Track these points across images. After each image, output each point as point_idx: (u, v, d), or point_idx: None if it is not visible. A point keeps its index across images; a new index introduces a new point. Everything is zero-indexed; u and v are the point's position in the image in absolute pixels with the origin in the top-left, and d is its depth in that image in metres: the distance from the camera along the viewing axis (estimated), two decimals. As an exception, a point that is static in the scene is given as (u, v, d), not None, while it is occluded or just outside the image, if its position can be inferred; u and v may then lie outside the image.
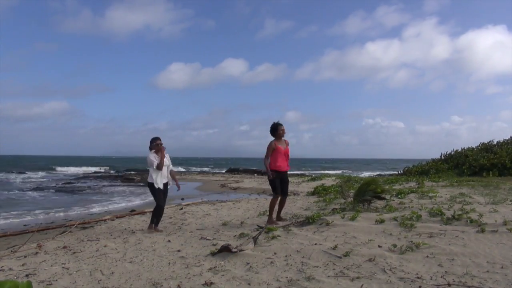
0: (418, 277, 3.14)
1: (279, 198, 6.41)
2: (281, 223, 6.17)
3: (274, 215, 6.49)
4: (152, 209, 6.99)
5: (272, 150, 6.35)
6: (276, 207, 6.50)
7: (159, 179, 6.39)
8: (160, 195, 6.42)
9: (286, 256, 4.00)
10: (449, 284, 2.95)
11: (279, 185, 6.33)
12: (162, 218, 8.15)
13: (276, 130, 6.44)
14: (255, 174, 31.35)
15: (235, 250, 4.16)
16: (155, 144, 6.39)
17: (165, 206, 10.28)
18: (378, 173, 38.41)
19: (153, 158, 6.34)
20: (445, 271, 3.26)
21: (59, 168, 49.93)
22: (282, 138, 6.51)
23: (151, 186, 6.44)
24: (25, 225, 9.18)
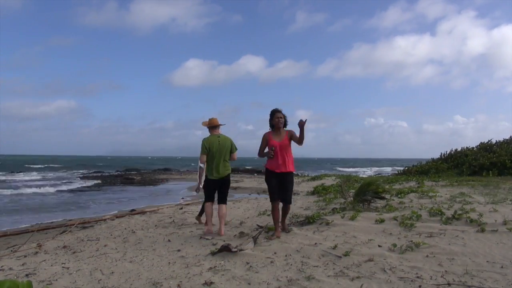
0: (418, 277, 3.14)
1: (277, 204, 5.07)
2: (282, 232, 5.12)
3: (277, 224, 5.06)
4: (152, 209, 7.04)
5: (264, 143, 5.11)
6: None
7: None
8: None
9: (286, 255, 4.00)
10: (449, 284, 2.95)
11: (275, 188, 5.04)
12: (162, 218, 8.17)
13: (272, 117, 5.08)
14: (255, 174, 31.33)
15: (235, 249, 4.16)
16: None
17: (165, 206, 10.28)
18: (378, 172, 38.43)
19: None
20: (445, 271, 3.26)
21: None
22: (282, 128, 5.08)
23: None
24: (25, 224, 9.18)
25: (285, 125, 5.13)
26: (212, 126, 5.66)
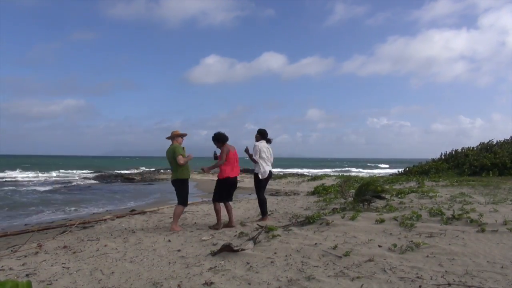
0: (418, 277, 3.14)
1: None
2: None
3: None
4: (152, 209, 7.02)
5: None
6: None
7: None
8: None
9: (286, 255, 4.00)
10: (449, 284, 2.95)
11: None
12: (162, 218, 8.17)
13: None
14: (255, 174, 31.29)
15: (237, 248, 4.16)
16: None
17: (166, 206, 10.29)
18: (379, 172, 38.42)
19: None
20: (445, 271, 3.26)
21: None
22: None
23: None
24: (25, 224, 9.19)
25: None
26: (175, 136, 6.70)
